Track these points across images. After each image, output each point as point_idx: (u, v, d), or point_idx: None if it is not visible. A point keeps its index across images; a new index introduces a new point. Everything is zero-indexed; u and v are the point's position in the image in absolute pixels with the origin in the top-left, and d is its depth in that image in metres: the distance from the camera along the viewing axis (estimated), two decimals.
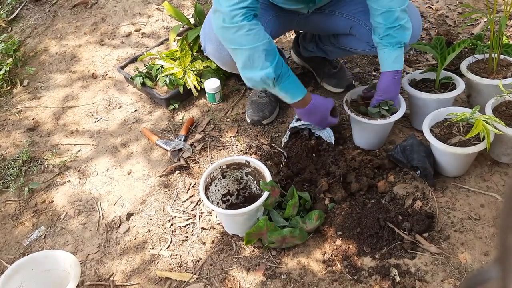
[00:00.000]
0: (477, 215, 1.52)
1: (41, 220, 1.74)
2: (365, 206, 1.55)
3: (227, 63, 1.66)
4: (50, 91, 2.34)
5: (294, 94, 1.54)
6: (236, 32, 1.38)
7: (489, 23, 1.64)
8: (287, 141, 1.82)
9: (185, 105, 2.14)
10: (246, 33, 1.38)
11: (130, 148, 1.97)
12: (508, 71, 1.75)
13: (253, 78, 1.45)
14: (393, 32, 1.54)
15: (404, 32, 1.55)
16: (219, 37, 1.47)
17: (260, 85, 1.48)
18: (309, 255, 1.48)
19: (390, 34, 1.54)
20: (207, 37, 1.64)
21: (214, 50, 1.64)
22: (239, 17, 1.36)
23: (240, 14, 1.36)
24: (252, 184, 1.62)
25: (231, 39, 1.41)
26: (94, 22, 2.72)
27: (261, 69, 1.42)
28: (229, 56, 1.56)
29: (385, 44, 1.56)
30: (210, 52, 1.67)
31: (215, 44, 1.61)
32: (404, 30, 1.55)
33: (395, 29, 1.53)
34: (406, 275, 1.39)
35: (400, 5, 1.51)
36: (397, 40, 1.55)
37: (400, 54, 1.58)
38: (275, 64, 1.42)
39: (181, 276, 1.48)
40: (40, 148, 2.03)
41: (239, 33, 1.38)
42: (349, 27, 1.72)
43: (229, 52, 1.48)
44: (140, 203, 1.74)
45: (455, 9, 2.52)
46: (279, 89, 1.49)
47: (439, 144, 1.52)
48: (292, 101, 1.55)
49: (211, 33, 1.58)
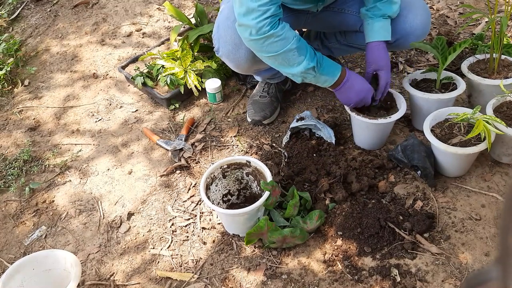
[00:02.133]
0: (477, 215, 1.52)
1: (42, 219, 1.74)
2: (365, 206, 1.55)
3: (240, 65, 1.66)
4: (51, 91, 2.34)
5: (333, 72, 1.54)
6: (265, 41, 1.40)
7: (490, 23, 1.64)
8: (288, 141, 1.82)
9: (185, 105, 2.14)
10: (275, 40, 1.40)
11: (131, 148, 1.97)
12: (509, 71, 1.75)
13: (292, 73, 1.49)
14: (380, 5, 1.57)
15: (390, 6, 1.57)
16: (250, 48, 1.48)
17: (301, 77, 1.51)
18: (310, 255, 1.48)
19: (376, 6, 1.58)
20: (222, 39, 1.62)
21: (229, 52, 1.62)
22: (265, 27, 1.37)
23: (266, 24, 1.37)
24: (253, 184, 1.62)
25: (262, 49, 1.44)
26: (95, 22, 2.73)
27: (299, 64, 1.46)
28: (244, 59, 1.59)
29: (370, 15, 1.59)
30: (224, 54, 1.65)
31: (229, 47, 1.60)
32: (391, 4, 1.57)
33: (382, 2, 1.56)
34: (406, 275, 1.39)
35: None
36: (382, 12, 1.57)
37: (385, 25, 1.59)
38: (309, 55, 1.46)
39: (181, 276, 1.48)
40: (41, 148, 2.03)
41: (268, 41, 1.40)
42: (359, 25, 1.72)
43: (263, 60, 1.51)
44: (141, 203, 1.74)
45: (456, 9, 2.52)
46: (321, 73, 1.51)
47: (440, 144, 1.52)
48: (333, 79, 1.55)
49: (226, 35, 1.58)
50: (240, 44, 1.55)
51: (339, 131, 1.87)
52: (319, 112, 1.99)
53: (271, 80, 1.96)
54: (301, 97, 2.08)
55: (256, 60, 1.59)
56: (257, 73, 1.89)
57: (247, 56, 1.59)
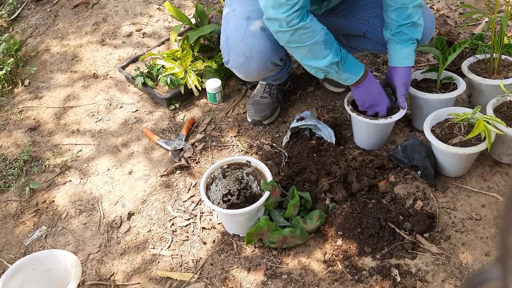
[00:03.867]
0: (478, 215, 1.52)
1: (42, 219, 1.74)
2: (366, 206, 1.55)
3: (251, 76, 1.66)
4: (51, 91, 2.34)
5: (356, 71, 1.55)
6: (294, 33, 1.41)
7: (490, 23, 1.64)
8: (288, 141, 1.82)
9: (186, 105, 2.14)
10: (304, 32, 1.41)
11: (131, 148, 1.97)
12: (509, 71, 1.75)
13: (316, 66, 1.50)
14: (405, 29, 1.55)
15: (416, 29, 1.56)
16: (278, 40, 1.49)
17: (323, 72, 1.51)
18: (310, 255, 1.48)
19: (402, 31, 1.56)
20: (232, 52, 1.59)
21: (240, 65, 1.60)
22: (295, 20, 1.38)
23: (295, 17, 1.38)
24: (253, 184, 1.62)
25: (291, 39, 1.44)
26: (95, 22, 2.73)
27: (323, 58, 1.46)
28: (255, 71, 1.60)
29: (397, 40, 1.58)
30: (235, 66, 1.62)
31: (241, 60, 1.58)
32: (416, 26, 1.56)
33: (407, 26, 1.54)
34: (407, 275, 1.38)
35: (413, 1, 1.51)
36: (409, 36, 1.56)
37: (411, 50, 1.59)
38: (334, 50, 1.47)
39: (181, 276, 1.48)
40: (41, 148, 2.03)
41: (297, 33, 1.41)
42: (364, 31, 1.73)
43: (287, 50, 1.52)
44: (141, 203, 1.74)
45: (456, 9, 2.52)
46: (343, 70, 1.51)
47: (440, 144, 1.52)
48: (355, 78, 1.56)
49: (237, 48, 1.56)
50: (252, 57, 1.55)
51: (339, 131, 1.87)
52: (319, 112, 1.99)
53: (273, 82, 1.96)
54: (301, 97, 2.08)
55: (267, 71, 1.61)
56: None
57: (258, 67, 1.59)
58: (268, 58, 1.57)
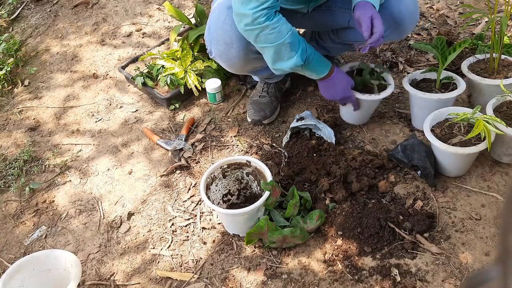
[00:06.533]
0: (478, 215, 1.52)
1: (42, 219, 1.74)
2: (365, 206, 1.55)
3: (234, 65, 1.66)
4: (51, 91, 2.34)
5: (321, 70, 1.61)
6: (260, 32, 1.43)
7: (490, 23, 1.64)
8: (288, 141, 1.82)
9: (186, 105, 2.14)
10: (270, 32, 1.43)
11: (131, 148, 1.97)
12: (509, 71, 1.75)
13: (282, 68, 1.54)
14: None
15: None
16: (246, 37, 1.50)
17: (289, 71, 1.56)
18: (310, 255, 1.48)
19: None
20: (213, 40, 1.62)
21: (221, 52, 1.62)
22: (261, 18, 1.40)
23: (262, 15, 1.39)
24: (253, 184, 1.62)
25: (256, 39, 1.46)
26: (95, 22, 2.72)
27: (288, 59, 1.50)
28: (236, 58, 1.60)
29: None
30: (217, 54, 1.65)
31: (222, 47, 1.60)
32: None
33: None
34: (406, 275, 1.39)
35: None
36: None
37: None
38: (300, 52, 1.49)
39: (181, 276, 1.48)
40: (41, 148, 2.03)
41: (263, 33, 1.43)
42: (347, 20, 1.73)
43: (257, 50, 1.54)
44: (141, 203, 1.74)
45: (456, 9, 2.52)
46: (307, 69, 1.57)
47: (440, 144, 1.52)
48: (319, 76, 1.63)
49: (217, 35, 1.58)
50: (232, 43, 1.56)
51: (339, 131, 1.87)
52: (319, 112, 1.99)
53: (269, 80, 1.96)
54: (301, 97, 2.08)
55: (249, 59, 1.61)
56: (253, 73, 1.89)
57: (239, 54, 1.60)
58: (247, 45, 1.56)
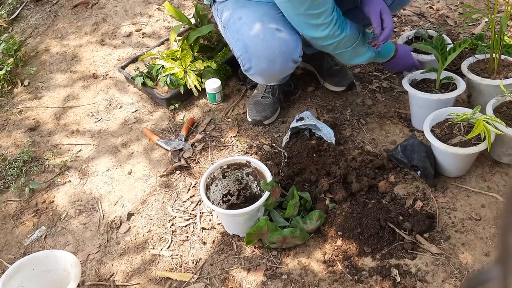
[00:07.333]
0: (478, 216, 1.52)
1: (42, 220, 1.74)
2: (365, 206, 1.55)
3: (273, 79, 1.74)
4: (51, 91, 2.34)
5: (389, 54, 1.77)
6: (339, 43, 1.55)
7: (490, 23, 1.64)
8: (288, 141, 1.82)
9: (185, 105, 2.14)
10: (347, 40, 1.55)
11: (131, 148, 1.97)
12: (509, 71, 1.75)
13: (358, 63, 1.85)
14: None
15: None
16: (323, 50, 1.63)
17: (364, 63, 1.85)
18: (310, 255, 1.48)
19: None
20: (254, 58, 1.53)
21: (263, 70, 1.55)
22: (337, 32, 1.51)
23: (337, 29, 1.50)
24: (253, 184, 1.62)
25: (335, 49, 1.59)
26: (95, 22, 2.72)
27: (363, 55, 1.66)
28: (278, 73, 1.62)
29: None
30: (257, 72, 1.57)
31: (264, 64, 1.53)
32: None
33: None
34: (406, 275, 1.38)
35: None
36: None
37: None
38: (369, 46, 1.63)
39: (181, 276, 1.48)
40: (41, 148, 2.03)
41: (341, 42, 1.55)
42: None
43: (335, 55, 1.68)
44: (141, 203, 1.74)
45: (456, 9, 2.51)
46: (379, 57, 1.74)
47: (440, 144, 1.52)
48: (387, 59, 1.80)
49: (260, 53, 1.52)
50: (275, 60, 1.52)
51: (339, 131, 1.87)
52: (319, 112, 1.99)
53: (279, 82, 1.96)
54: (301, 97, 2.08)
55: (288, 70, 1.62)
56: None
57: (282, 68, 1.57)
58: (290, 57, 1.55)
